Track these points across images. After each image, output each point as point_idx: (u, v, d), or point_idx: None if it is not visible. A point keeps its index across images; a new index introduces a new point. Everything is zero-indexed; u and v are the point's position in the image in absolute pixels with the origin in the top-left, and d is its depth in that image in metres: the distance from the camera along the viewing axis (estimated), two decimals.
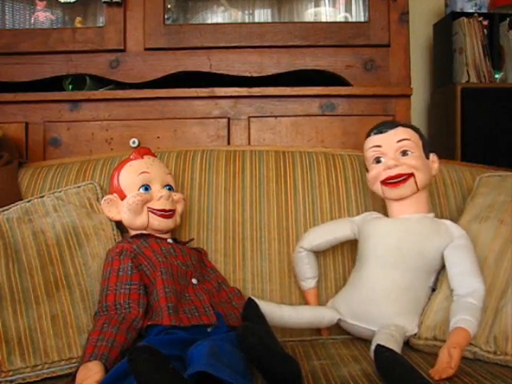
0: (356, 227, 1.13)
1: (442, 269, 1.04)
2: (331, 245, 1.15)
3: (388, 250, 1.04)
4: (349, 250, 1.19)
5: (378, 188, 1.09)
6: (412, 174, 1.05)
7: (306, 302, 1.16)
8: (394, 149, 1.06)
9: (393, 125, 1.10)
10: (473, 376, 0.84)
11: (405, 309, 1.01)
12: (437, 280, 1.05)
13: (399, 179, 1.05)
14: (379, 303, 1.01)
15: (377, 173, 1.08)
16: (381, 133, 1.09)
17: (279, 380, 0.79)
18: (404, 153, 1.06)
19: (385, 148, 1.07)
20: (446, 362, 0.84)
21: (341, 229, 1.14)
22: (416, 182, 1.05)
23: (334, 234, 1.14)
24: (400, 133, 1.08)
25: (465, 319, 0.91)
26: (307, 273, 1.15)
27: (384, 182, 1.07)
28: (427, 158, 1.10)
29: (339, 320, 1.06)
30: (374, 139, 1.09)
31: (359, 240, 1.12)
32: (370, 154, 1.09)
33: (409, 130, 1.09)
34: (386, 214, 1.13)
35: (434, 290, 1.05)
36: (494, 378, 0.83)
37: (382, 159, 1.08)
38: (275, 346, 0.81)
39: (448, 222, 1.06)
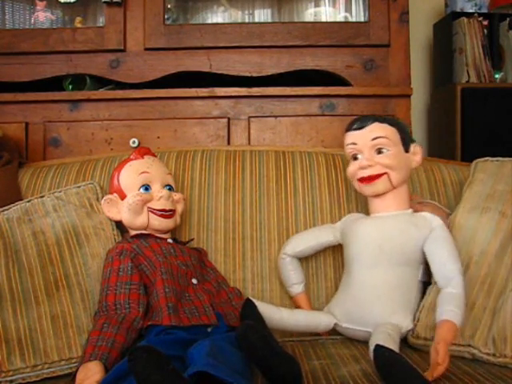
0: (338, 233, 1.14)
1: None
2: (315, 250, 1.16)
3: (370, 249, 1.04)
4: None
5: (355, 185, 1.10)
6: (385, 173, 1.05)
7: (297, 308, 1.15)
8: (368, 147, 1.06)
9: (369, 120, 1.07)
10: (473, 376, 0.84)
11: (397, 306, 1.01)
12: (428, 274, 1.04)
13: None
14: (370, 304, 1.01)
15: (353, 170, 1.09)
16: (358, 129, 1.08)
17: (279, 379, 0.79)
18: (379, 151, 1.06)
19: (360, 146, 1.07)
20: (434, 359, 0.83)
21: (323, 235, 1.15)
22: (390, 180, 1.05)
23: (316, 240, 1.14)
24: (375, 129, 1.06)
25: (447, 310, 0.91)
26: (293, 279, 1.15)
27: (359, 179, 1.08)
28: (407, 151, 1.08)
29: (335, 325, 1.06)
30: (351, 136, 1.09)
31: (343, 244, 1.12)
32: (348, 150, 1.10)
33: (385, 126, 1.06)
34: None
35: (426, 283, 1.04)
36: (494, 377, 0.83)
37: (359, 156, 1.08)
38: (276, 346, 0.81)
39: (426, 214, 1.05)
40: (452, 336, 0.88)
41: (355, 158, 1.09)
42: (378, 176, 1.05)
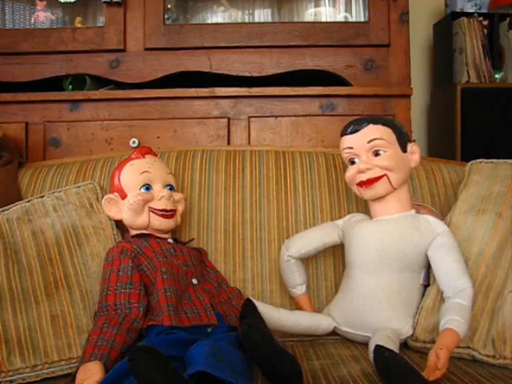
0: (341, 231, 1.12)
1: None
2: (319, 251, 1.14)
3: (370, 255, 1.02)
4: None
5: (354, 189, 1.08)
6: (384, 175, 1.03)
7: (299, 309, 1.15)
8: (365, 149, 1.04)
9: (363, 122, 1.05)
10: (473, 376, 0.84)
11: (397, 312, 1.00)
12: (428, 276, 1.03)
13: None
14: (370, 310, 1.00)
15: (351, 175, 1.07)
16: (353, 132, 1.06)
17: (280, 379, 0.79)
18: (376, 153, 1.04)
19: (357, 149, 1.05)
20: (434, 363, 0.83)
21: (328, 234, 1.13)
22: (390, 182, 1.03)
23: (322, 240, 1.12)
24: (370, 132, 1.04)
25: (453, 319, 0.90)
26: (297, 280, 1.14)
27: (358, 183, 1.06)
28: (405, 151, 1.06)
29: (335, 328, 1.06)
30: (346, 140, 1.07)
31: (344, 244, 1.11)
32: (344, 155, 1.08)
33: (380, 127, 1.04)
34: None
35: (427, 285, 1.04)
36: (494, 377, 0.83)
37: (356, 160, 1.06)
38: (278, 345, 0.81)
39: (430, 218, 1.04)
40: (455, 345, 0.88)
41: (352, 163, 1.07)
42: (377, 179, 1.03)
